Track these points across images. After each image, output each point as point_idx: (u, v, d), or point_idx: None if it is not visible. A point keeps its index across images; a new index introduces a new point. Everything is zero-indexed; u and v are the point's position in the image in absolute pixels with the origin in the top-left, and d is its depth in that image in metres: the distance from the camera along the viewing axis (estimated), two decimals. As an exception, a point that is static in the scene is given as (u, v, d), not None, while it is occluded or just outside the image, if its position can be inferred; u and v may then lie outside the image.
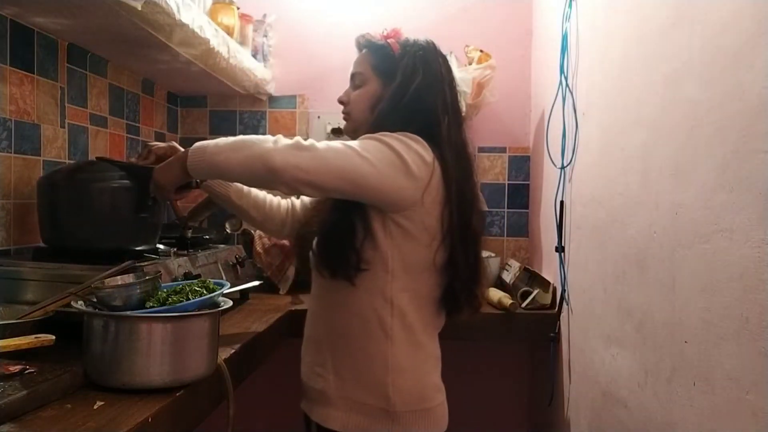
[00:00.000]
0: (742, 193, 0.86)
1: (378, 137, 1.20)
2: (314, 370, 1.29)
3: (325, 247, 1.28)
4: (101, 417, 0.89)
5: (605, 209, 1.47)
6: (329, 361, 1.26)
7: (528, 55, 2.47)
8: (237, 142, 1.17)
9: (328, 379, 1.25)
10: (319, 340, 1.30)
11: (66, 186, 1.45)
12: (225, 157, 1.16)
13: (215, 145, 1.18)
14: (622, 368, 1.33)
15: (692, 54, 1.03)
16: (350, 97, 1.37)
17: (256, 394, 2.16)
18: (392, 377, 1.22)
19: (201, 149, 1.19)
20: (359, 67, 1.37)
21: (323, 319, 1.31)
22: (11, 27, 1.50)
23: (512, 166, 2.53)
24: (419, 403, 1.25)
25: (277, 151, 1.13)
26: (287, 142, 1.15)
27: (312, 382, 1.29)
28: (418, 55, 1.31)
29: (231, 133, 2.63)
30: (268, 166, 1.12)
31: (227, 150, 1.16)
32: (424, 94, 1.28)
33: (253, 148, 1.15)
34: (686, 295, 1.03)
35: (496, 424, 2.49)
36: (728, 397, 0.89)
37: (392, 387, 1.22)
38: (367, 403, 1.22)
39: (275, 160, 1.12)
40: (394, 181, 1.18)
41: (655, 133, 1.19)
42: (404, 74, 1.28)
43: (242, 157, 1.15)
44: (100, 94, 1.92)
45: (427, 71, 1.30)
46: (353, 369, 1.24)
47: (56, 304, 1.14)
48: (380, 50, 1.34)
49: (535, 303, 1.98)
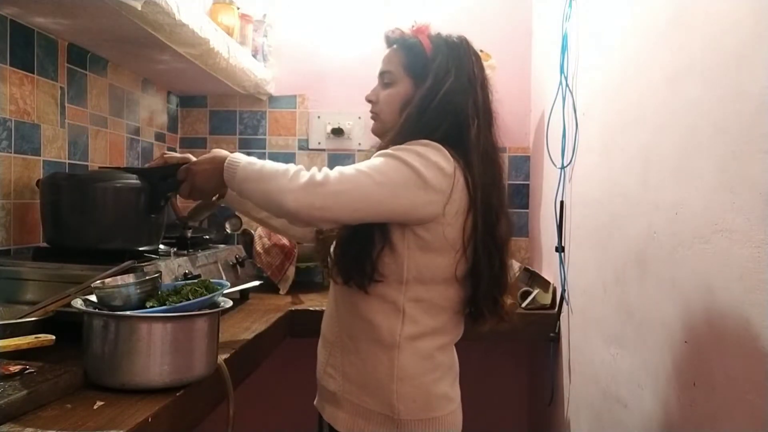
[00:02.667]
0: (742, 193, 0.86)
1: (394, 154, 1.15)
2: (326, 370, 1.29)
3: (341, 255, 1.24)
4: (101, 417, 0.89)
5: (605, 209, 1.47)
6: (339, 363, 1.26)
7: (528, 55, 2.47)
8: (262, 173, 1.14)
9: (338, 381, 1.25)
10: (331, 341, 1.29)
11: (70, 186, 1.45)
12: (248, 187, 1.16)
13: (243, 169, 1.16)
14: (622, 368, 1.33)
15: (692, 54, 1.04)
16: (379, 96, 1.31)
17: (256, 394, 2.16)
18: (397, 385, 1.20)
19: (232, 169, 1.17)
20: (389, 65, 1.31)
21: (336, 321, 1.29)
22: (11, 27, 1.50)
23: (512, 166, 2.53)
24: (425, 412, 1.21)
25: (291, 192, 1.09)
26: (301, 180, 1.10)
27: (324, 381, 1.29)
28: (450, 55, 1.26)
29: (231, 133, 2.67)
30: (283, 208, 1.11)
31: (253, 179, 1.15)
32: (454, 96, 1.23)
33: (271, 183, 1.12)
34: (686, 295, 1.03)
35: (496, 424, 2.49)
36: (728, 397, 0.89)
37: (396, 395, 1.19)
38: (371, 409, 1.21)
39: (288, 202, 1.10)
40: (413, 200, 1.14)
41: (655, 133, 1.19)
42: (436, 76, 1.24)
43: (261, 191, 1.14)
44: (100, 94, 1.92)
45: (459, 72, 1.25)
46: (360, 373, 1.23)
47: (56, 304, 1.14)
48: (412, 48, 1.28)
49: (535, 303, 1.98)
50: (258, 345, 1.48)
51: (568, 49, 1.78)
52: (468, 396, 1.33)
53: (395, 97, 1.28)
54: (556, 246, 1.84)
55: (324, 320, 1.35)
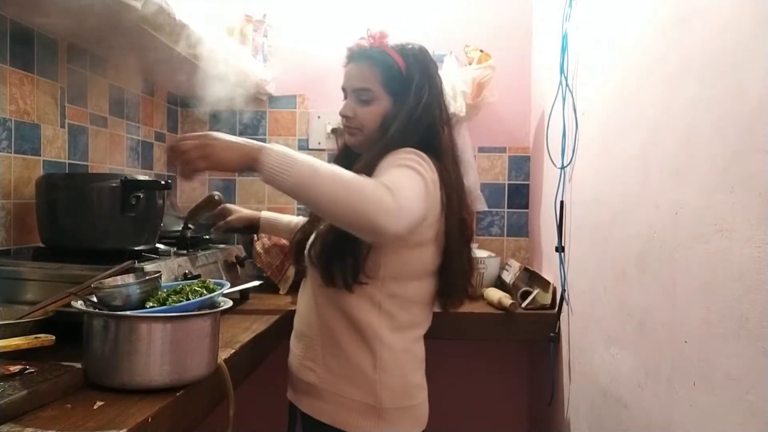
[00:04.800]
0: (742, 193, 0.86)
1: (410, 165, 1.19)
2: (304, 363, 1.34)
3: (326, 257, 1.29)
4: (101, 417, 0.89)
5: (605, 209, 1.47)
6: (320, 357, 1.31)
7: (528, 55, 2.47)
8: (344, 182, 1.05)
9: (318, 373, 1.31)
10: (310, 337, 1.34)
11: (64, 186, 1.45)
12: (324, 191, 1.04)
13: (311, 166, 1.05)
14: (622, 368, 1.33)
15: (692, 54, 1.04)
16: (356, 112, 1.35)
17: (256, 394, 2.16)
18: (380, 375, 1.27)
19: (288, 159, 1.04)
20: (365, 82, 1.34)
21: (315, 317, 1.34)
22: (11, 27, 1.50)
23: (512, 166, 2.53)
24: (404, 400, 1.30)
25: (388, 216, 1.05)
26: (391, 203, 1.06)
27: (302, 374, 1.34)
28: (423, 71, 1.34)
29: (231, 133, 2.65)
30: (378, 228, 1.05)
31: (330, 183, 1.04)
32: (431, 109, 1.33)
33: (357, 197, 1.04)
34: (686, 295, 1.03)
35: (496, 424, 2.49)
36: (728, 397, 0.89)
37: (380, 384, 1.27)
38: (355, 399, 1.27)
39: (389, 227, 1.05)
40: (427, 206, 1.21)
41: (655, 133, 1.19)
42: (416, 93, 1.32)
43: (341, 202, 1.04)
44: (100, 94, 1.92)
45: (431, 85, 1.35)
46: (342, 365, 1.29)
47: (56, 304, 1.14)
48: (388, 67, 1.33)
49: (535, 303, 1.98)
50: (258, 345, 1.47)
51: (568, 49, 1.78)
52: (468, 396, 1.34)
53: (377, 115, 1.33)
54: (556, 246, 1.84)
55: (299, 315, 1.42)
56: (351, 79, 1.37)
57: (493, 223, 2.53)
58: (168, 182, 1.52)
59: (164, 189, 1.51)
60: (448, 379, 1.34)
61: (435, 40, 2.56)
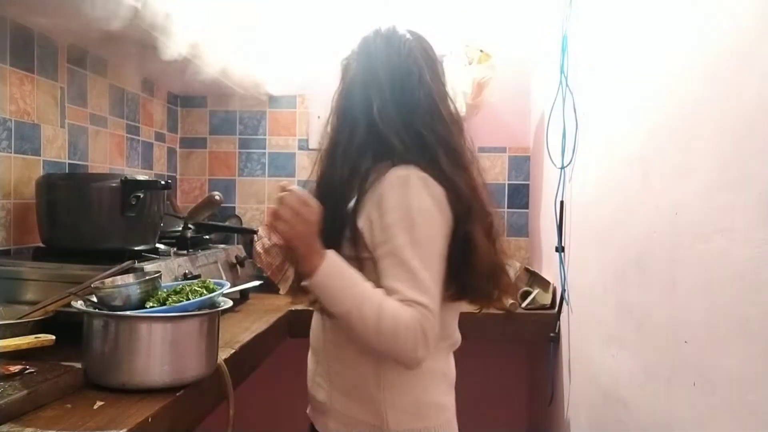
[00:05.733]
0: (742, 193, 0.86)
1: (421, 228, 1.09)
2: (315, 379, 1.25)
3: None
4: (101, 417, 0.89)
5: (605, 209, 1.47)
6: (326, 371, 1.22)
7: (528, 55, 2.47)
8: (379, 329, 1.04)
9: (326, 390, 1.21)
10: (317, 350, 1.26)
11: (64, 186, 1.45)
12: (357, 330, 1.06)
13: (349, 310, 1.05)
14: (622, 368, 1.33)
15: (692, 54, 1.04)
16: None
17: (256, 394, 2.16)
18: (385, 394, 1.15)
19: (333, 292, 1.07)
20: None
21: (320, 330, 1.25)
22: (11, 27, 1.50)
23: (512, 166, 2.53)
24: (415, 421, 1.16)
25: (419, 359, 1.06)
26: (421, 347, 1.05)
27: (314, 391, 1.25)
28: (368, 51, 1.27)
29: (231, 133, 2.66)
30: (411, 366, 1.08)
31: (362, 327, 1.05)
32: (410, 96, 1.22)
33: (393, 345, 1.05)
34: (686, 295, 1.03)
35: (496, 424, 2.49)
36: (728, 397, 0.89)
37: (385, 404, 1.15)
38: (360, 419, 1.16)
39: (418, 361, 1.07)
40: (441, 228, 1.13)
41: (655, 133, 1.19)
42: (346, 71, 1.27)
43: (377, 343, 1.07)
44: (100, 94, 1.92)
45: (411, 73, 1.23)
46: (346, 382, 1.19)
47: (56, 304, 1.14)
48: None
49: (535, 303, 1.98)
50: (258, 345, 1.48)
51: (568, 49, 1.78)
52: (468, 396, 1.33)
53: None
54: (556, 246, 1.84)
55: (311, 328, 1.31)
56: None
57: (493, 223, 2.52)
58: (168, 182, 1.52)
59: (164, 189, 1.51)
60: (448, 379, 1.33)
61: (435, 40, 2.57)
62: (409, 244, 1.07)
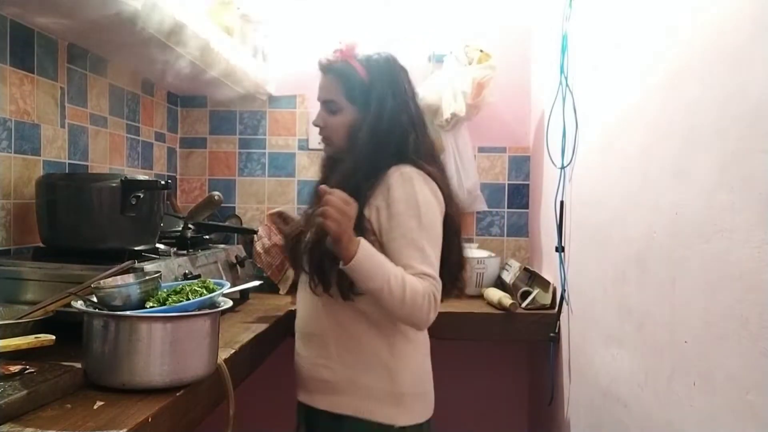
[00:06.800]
0: (742, 193, 0.86)
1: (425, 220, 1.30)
2: (317, 362, 1.37)
3: (321, 269, 1.33)
4: (101, 417, 0.89)
5: (605, 209, 1.47)
6: (334, 354, 1.35)
7: (528, 55, 2.47)
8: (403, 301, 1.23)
9: (334, 369, 1.34)
10: (320, 336, 1.38)
11: (64, 186, 1.45)
12: (384, 303, 1.25)
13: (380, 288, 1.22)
14: (622, 368, 1.33)
15: (692, 54, 1.04)
16: (327, 122, 1.43)
17: (256, 394, 2.16)
18: (395, 361, 1.34)
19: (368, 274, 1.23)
20: (330, 94, 1.42)
21: (324, 316, 1.37)
22: (11, 27, 1.50)
23: (512, 166, 2.53)
24: (419, 385, 1.38)
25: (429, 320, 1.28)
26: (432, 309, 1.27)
27: (316, 373, 1.37)
28: (385, 79, 1.40)
29: (231, 133, 2.66)
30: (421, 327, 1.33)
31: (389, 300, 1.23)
32: (396, 115, 1.38)
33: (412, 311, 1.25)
34: (686, 295, 1.03)
35: (496, 424, 2.49)
36: (728, 397, 0.89)
37: (397, 370, 1.33)
38: (375, 386, 1.32)
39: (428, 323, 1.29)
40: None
41: (655, 133, 1.19)
42: (379, 102, 1.37)
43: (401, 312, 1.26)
44: (100, 94, 1.92)
45: (396, 93, 1.40)
46: (360, 358, 1.34)
47: (56, 304, 1.14)
48: (349, 77, 1.39)
49: (535, 303, 1.98)
50: (258, 345, 1.47)
51: (568, 49, 1.78)
52: (468, 396, 1.34)
53: (343, 125, 1.41)
54: (556, 246, 1.84)
55: (301, 318, 1.45)
56: (320, 90, 1.46)
57: (493, 223, 2.52)
58: (168, 182, 1.52)
59: (164, 189, 1.51)
60: (448, 379, 1.34)
61: (435, 40, 2.57)
62: (417, 228, 1.29)
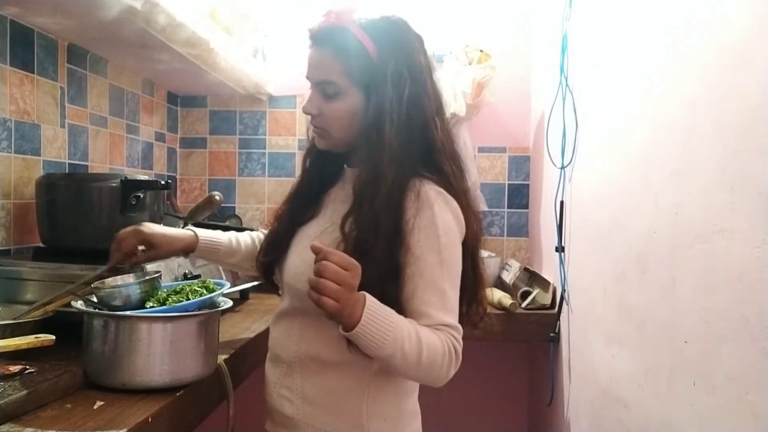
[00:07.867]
0: (742, 193, 0.86)
1: (450, 263, 1.05)
2: (280, 392, 1.15)
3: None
4: (101, 417, 0.89)
5: (605, 209, 1.47)
6: (297, 384, 1.12)
7: (528, 55, 2.47)
8: (420, 366, 1.00)
9: (295, 404, 1.12)
10: (288, 362, 1.14)
11: (64, 186, 1.45)
12: (399, 371, 1.03)
13: (391, 354, 0.97)
14: (622, 368, 1.33)
15: (692, 54, 1.04)
16: (322, 109, 1.11)
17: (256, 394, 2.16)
18: (368, 403, 1.09)
19: (378, 342, 0.96)
20: (326, 72, 1.10)
21: (295, 339, 1.14)
22: (11, 27, 1.50)
23: (512, 166, 2.53)
24: (395, 429, 1.12)
25: (448, 376, 1.06)
26: (452, 366, 1.06)
27: (278, 405, 1.15)
28: (400, 55, 1.08)
29: (231, 133, 2.66)
30: (438, 385, 1.07)
31: (404, 367, 1.00)
32: (418, 100, 1.08)
33: (431, 373, 1.04)
34: (686, 295, 1.03)
35: (496, 424, 2.49)
36: (728, 397, 0.89)
37: (367, 414, 1.09)
38: (336, 430, 1.09)
39: (446, 380, 1.07)
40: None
41: (655, 133, 1.19)
42: (394, 84, 1.06)
43: (416, 376, 1.08)
44: (100, 94, 1.92)
45: (413, 72, 1.08)
46: (324, 395, 1.10)
47: (56, 304, 1.14)
48: (354, 54, 1.07)
49: (535, 303, 1.98)
50: (258, 345, 1.47)
51: (568, 49, 1.78)
52: (468, 396, 1.33)
53: (345, 112, 1.09)
54: (556, 246, 1.84)
55: (274, 338, 1.20)
56: (312, 68, 1.12)
57: (493, 223, 2.52)
58: (168, 182, 1.52)
59: (164, 189, 1.51)
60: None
61: (435, 40, 2.57)
62: (438, 264, 1.03)
